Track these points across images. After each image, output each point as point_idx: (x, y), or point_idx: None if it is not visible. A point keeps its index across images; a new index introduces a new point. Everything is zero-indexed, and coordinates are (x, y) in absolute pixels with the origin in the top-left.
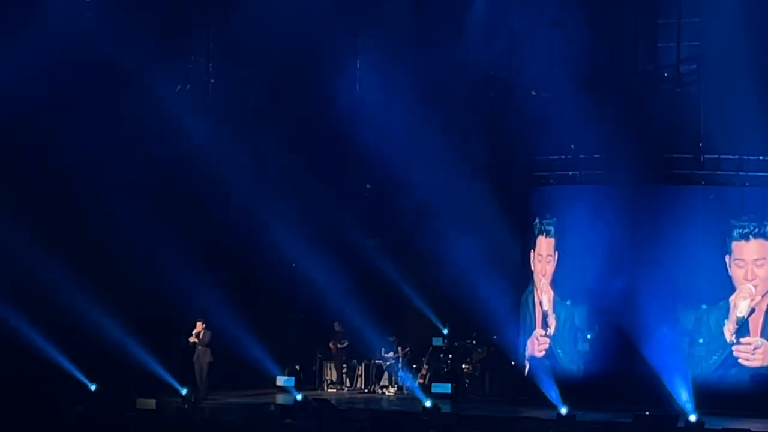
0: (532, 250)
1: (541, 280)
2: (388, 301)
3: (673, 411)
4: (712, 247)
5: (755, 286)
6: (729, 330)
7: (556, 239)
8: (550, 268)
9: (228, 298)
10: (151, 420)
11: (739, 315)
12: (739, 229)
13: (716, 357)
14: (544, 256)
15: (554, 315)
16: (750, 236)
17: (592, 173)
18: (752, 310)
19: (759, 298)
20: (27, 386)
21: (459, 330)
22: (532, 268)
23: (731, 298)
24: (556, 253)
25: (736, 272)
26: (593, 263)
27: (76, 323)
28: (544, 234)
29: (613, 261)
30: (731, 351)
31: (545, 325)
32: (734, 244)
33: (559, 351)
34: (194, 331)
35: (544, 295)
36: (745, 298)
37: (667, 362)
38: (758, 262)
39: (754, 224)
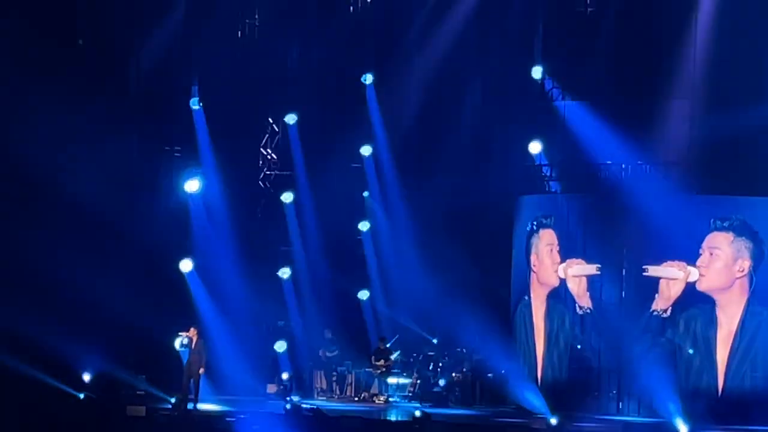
0: (533, 255)
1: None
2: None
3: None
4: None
5: (697, 268)
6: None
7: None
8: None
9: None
10: (140, 428)
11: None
12: (718, 221)
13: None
14: (554, 245)
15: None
16: (721, 229)
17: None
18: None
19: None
20: (15, 394)
21: (448, 341)
22: (534, 269)
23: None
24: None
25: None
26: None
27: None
28: (545, 227)
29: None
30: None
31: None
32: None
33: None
34: (185, 334)
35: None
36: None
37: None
38: (715, 251)
39: (730, 221)
